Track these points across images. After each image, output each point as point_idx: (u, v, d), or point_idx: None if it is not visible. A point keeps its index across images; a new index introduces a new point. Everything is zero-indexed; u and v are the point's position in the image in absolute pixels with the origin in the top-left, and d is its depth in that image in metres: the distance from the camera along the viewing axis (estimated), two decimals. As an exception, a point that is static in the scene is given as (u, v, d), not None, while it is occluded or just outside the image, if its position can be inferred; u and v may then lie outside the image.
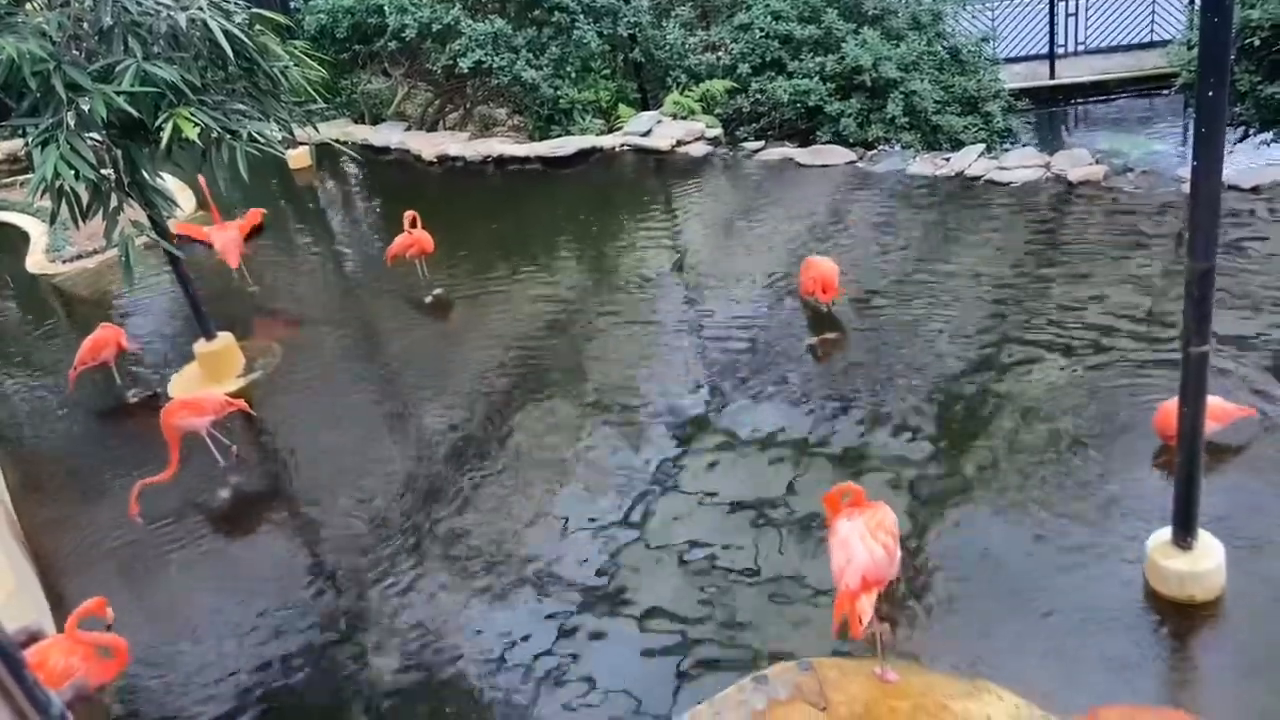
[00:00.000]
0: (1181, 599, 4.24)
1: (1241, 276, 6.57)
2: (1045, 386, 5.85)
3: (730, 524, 5.23)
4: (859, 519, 3.99)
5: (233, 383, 7.39)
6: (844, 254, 7.65)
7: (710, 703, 4.00)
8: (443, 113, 13.45)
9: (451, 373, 7.23)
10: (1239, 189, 7.70)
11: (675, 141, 10.94)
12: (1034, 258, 7.41)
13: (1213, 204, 3.63)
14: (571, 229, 9.69)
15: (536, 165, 11.33)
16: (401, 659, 4.76)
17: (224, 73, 6.25)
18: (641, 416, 6.30)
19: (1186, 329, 3.82)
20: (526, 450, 6.16)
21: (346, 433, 6.70)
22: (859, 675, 4.04)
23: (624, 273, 8.42)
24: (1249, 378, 5.60)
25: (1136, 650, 4.14)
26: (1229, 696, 3.87)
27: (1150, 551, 4.33)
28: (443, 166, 11.96)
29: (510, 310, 8.03)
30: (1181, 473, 4.11)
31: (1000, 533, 4.87)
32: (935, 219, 8.44)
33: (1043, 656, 4.16)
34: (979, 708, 3.82)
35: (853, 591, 3.81)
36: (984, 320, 6.66)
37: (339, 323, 8.49)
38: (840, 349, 6.70)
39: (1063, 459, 5.24)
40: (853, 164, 9.79)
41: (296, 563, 5.60)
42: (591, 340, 7.39)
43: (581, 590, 4.96)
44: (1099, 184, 8.34)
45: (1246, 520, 4.61)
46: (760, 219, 9.00)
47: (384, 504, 5.88)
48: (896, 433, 5.70)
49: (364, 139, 12.95)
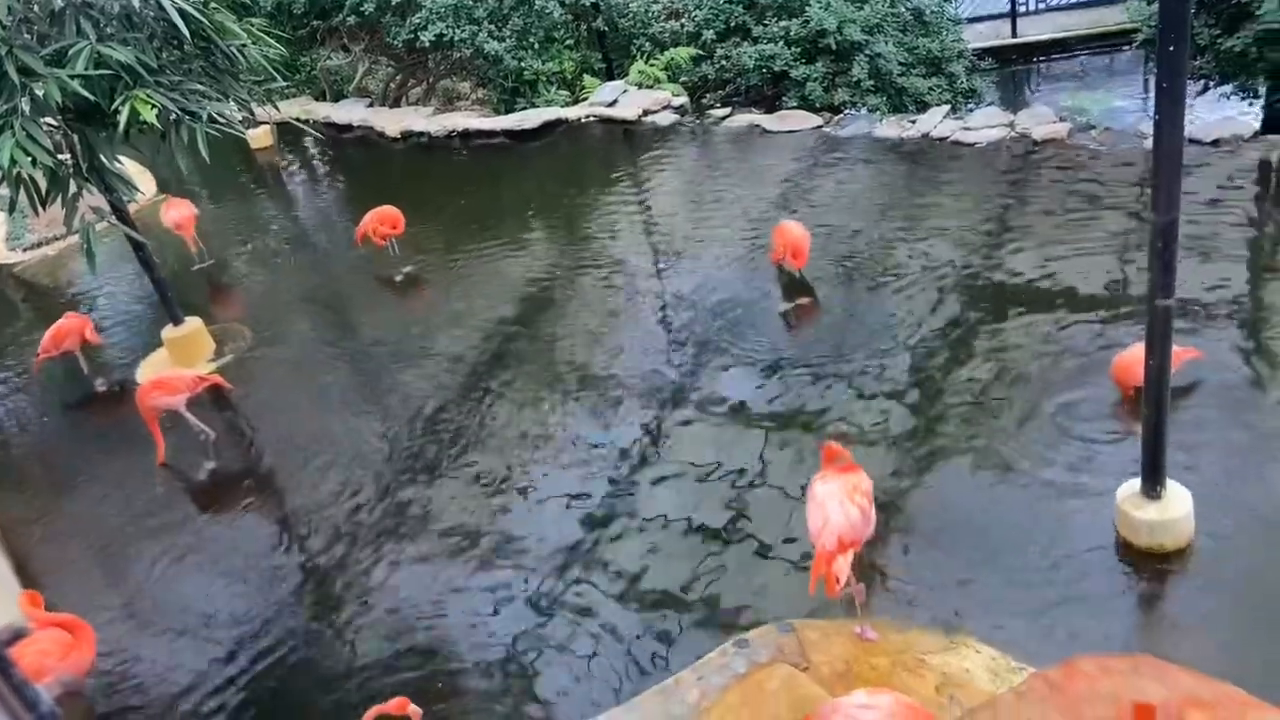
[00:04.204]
0: (1152, 548, 4.33)
1: (1196, 227, 6.65)
2: (1015, 344, 5.92)
3: (707, 490, 5.27)
4: (835, 482, 4.04)
5: (203, 367, 7.32)
6: (815, 219, 7.66)
7: (693, 667, 4.04)
8: (405, 88, 13.28)
9: (426, 350, 7.20)
10: (1200, 143, 7.78)
11: (642, 111, 10.87)
12: (1002, 218, 7.46)
13: (1175, 159, 3.67)
14: (541, 202, 9.64)
15: (502, 139, 11.23)
16: (386, 634, 4.78)
17: (180, 52, 6.14)
18: (617, 388, 6.31)
19: (1151, 282, 3.87)
20: (503, 425, 6.16)
21: (321, 414, 6.66)
22: (839, 635, 4.10)
23: (595, 245, 8.40)
24: (1196, 320, 5.72)
25: (1109, 600, 4.23)
26: (1200, 642, 3.96)
27: (1120, 502, 4.42)
28: (407, 143, 11.84)
29: (482, 286, 7.99)
30: (1148, 423, 4.18)
31: (973, 489, 4.95)
32: (904, 182, 8.47)
33: (1017, 609, 4.24)
34: (957, 661, 3.90)
35: (829, 552, 3.86)
36: (955, 281, 6.72)
37: (309, 304, 8.42)
38: (813, 314, 6.74)
39: (1033, 414, 5.31)
40: (819, 129, 9.79)
41: (277, 546, 5.58)
42: (564, 313, 7.38)
43: (561, 561, 4.99)
44: (1063, 142, 8.39)
45: (1212, 467, 4.71)
46: (729, 186, 8.99)
47: (362, 483, 5.87)
48: (871, 395, 5.76)
49: (326, 116, 12.77)
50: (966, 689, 3.73)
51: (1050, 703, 3.23)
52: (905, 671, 3.87)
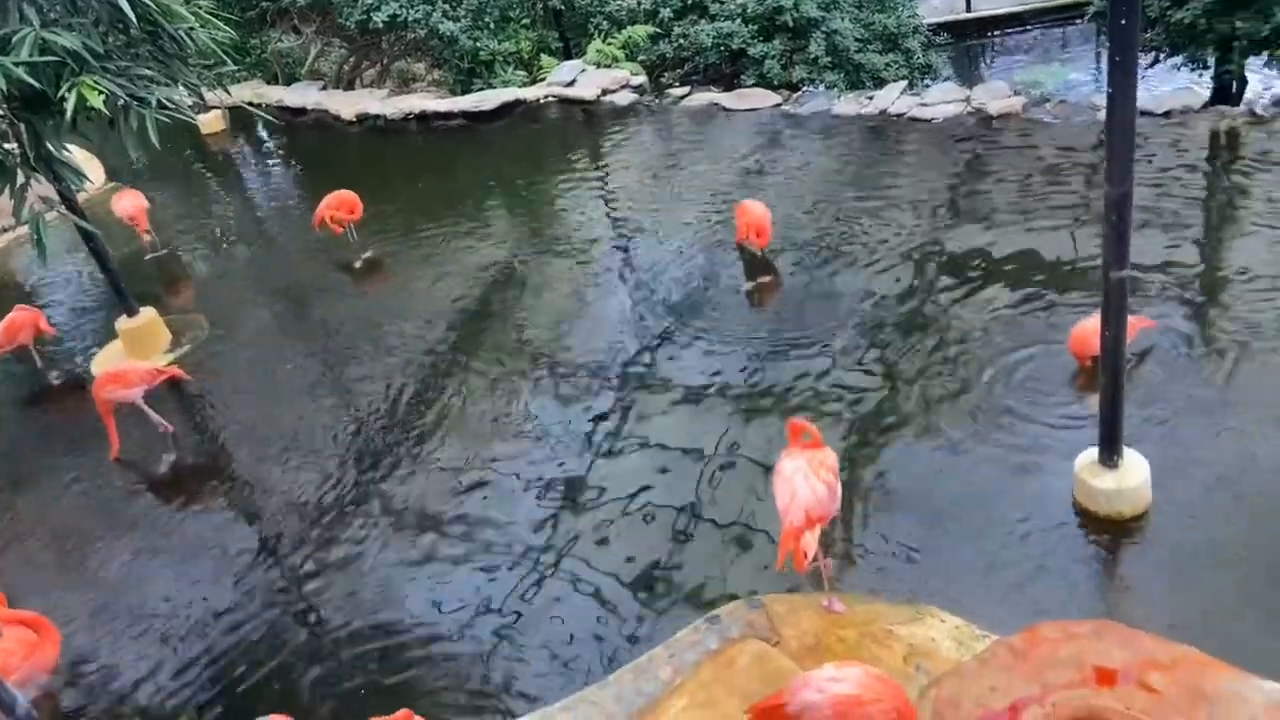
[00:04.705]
0: (1111, 515, 4.42)
1: (1149, 198, 6.76)
2: (974, 317, 5.99)
3: (675, 469, 5.30)
4: (801, 458, 4.07)
5: (160, 358, 7.19)
6: (776, 198, 7.68)
7: (666, 645, 4.07)
8: (359, 70, 13.09)
9: (387, 335, 7.14)
10: (1152, 114, 7.90)
11: (601, 90, 10.82)
12: (960, 193, 7.53)
13: (1128, 131, 3.72)
14: (501, 184, 9.57)
15: (460, 120, 11.13)
16: (354, 623, 4.75)
17: (126, 37, 6.00)
18: (582, 368, 6.31)
19: (1106, 253, 3.93)
20: (467, 408, 6.14)
21: (282, 403, 6.59)
22: (807, 609, 4.15)
23: (556, 226, 8.37)
24: (1151, 290, 5.83)
25: (1070, 567, 4.32)
26: (1159, 606, 4.06)
27: (1078, 471, 4.50)
28: (362, 125, 11.69)
29: (443, 269, 7.94)
30: (1105, 393, 4.25)
31: (935, 461, 5.01)
32: (863, 159, 8.51)
33: (981, 578, 4.32)
34: (923, 631, 3.96)
35: (797, 528, 3.89)
36: (915, 256, 6.78)
37: (267, 291, 8.31)
38: (776, 292, 6.77)
39: (993, 386, 5.39)
40: (778, 106, 9.80)
41: (239, 537, 5.52)
42: (527, 295, 7.35)
43: (531, 543, 4.99)
44: (1018, 116, 8.48)
45: (1168, 435, 4.81)
46: (690, 165, 8.99)
47: (326, 471, 5.82)
48: (834, 371, 5.80)
49: (279, 100, 12.57)
50: (932, 658, 3.79)
51: (1014, 669, 3.29)
52: (873, 642, 3.92)
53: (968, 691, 3.27)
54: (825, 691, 3.01)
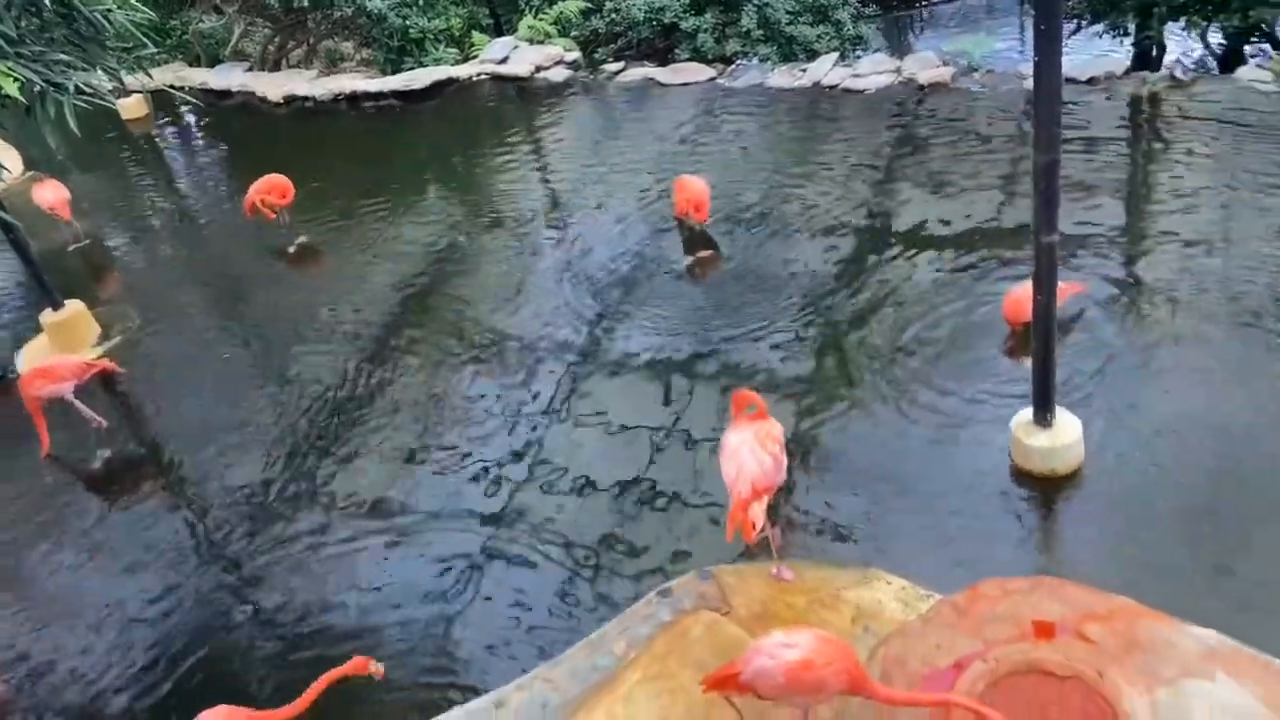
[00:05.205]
0: (1045, 473, 4.56)
1: (1076, 164, 6.92)
2: (910, 285, 6.09)
3: (622, 447, 5.32)
4: (747, 430, 4.12)
5: (89, 352, 7.00)
6: (714, 172, 7.70)
7: (619, 619, 4.11)
8: (285, 50, 12.77)
9: (325, 320, 7.03)
10: (1076, 81, 8.06)
11: (534, 67, 10.71)
12: (894, 163, 7.62)
13: (1054, 98, 3.81)
14: (436, 164, 9.44)
15: (392, 100, 10.93)
16: (300, 611, 4.71)
17: (39, 20, 5.78)
18: (525, 348, 6.28)
19: (1036, 219, 4.03)
20: (409, 393, 6.08)
21: (219, 393, 6.46)
22: (757, 578, 4.21)
23: (494, 206, 8.29)
24: (1079, 255, 5.99)
25: (1008, 525, 4.45)
26: (1093, 559, 4.20)
27: (1014, 431, 4.63)
28: (290, 107, 11.42)
29: (380, 252, 7.82)
30: (1038, 355, 4.37)
31: (876, 427, 5.11)
32: (798, 131, 8.57)
33: (923, 539, 4.43)
34: (870, 594, 4.05)
35: (744, 500, 3.95)
36: (852, 226, 6.86)
37: (199, 280, 8.12)
38: (716, 266, 6.80)
39: (930, 352, 5.50)
40: (713, 80, 9.80)
41: (178, 530, 5.42)
42: (466, 277, 7.29)
43: (482, 522, 4.99)
44: (948, 86, 8.59)
45: (1098, 394, 4.96)
46: (628, 142, 8.96)
47: (266, 460, 5.73)
48: (776, 343, 5.86)
49: (202, 83, 12.22)
50: (879, 619, 3.89)
51: (957, 626, 3.39)
52: (821, 607, 4.01)
53: (913, 650, 3.37)
54: (777, 657, 3.06)
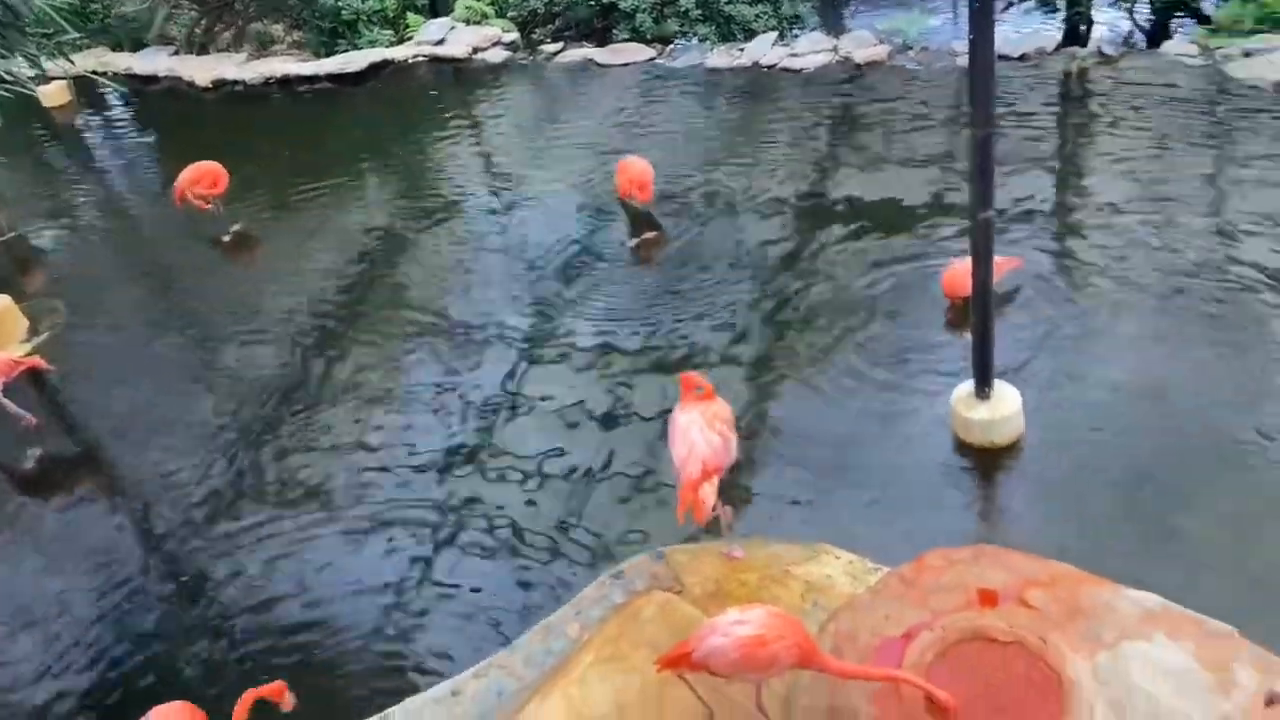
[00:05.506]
0: (985, 445, 4.65)
1: (1011, 140, 7.04)
2: (851, 263, 6.16)
3: (571, 432, 5.31)
4: (695, 411, 4.13)
5: (17, 348, 6.77)
6: (656, 152, 7.68)
7: (572, 603, 4.10)
8: (212, 33, 12.41)
9: (263, 311, 6.88)
10: (1009, 58, 8.19)
11: (472, 49, 10.57)
12: (833, 142, 7.69)
13: (988, 75, 3.86)
14: (374, 149, 9.27)
15: (326, 84, 10.70)
16: (246, 612, 4.64)
17: (-50, 5, 5.56)
18: (470, 334, 6.23)
19: (972, 195, 4.09)
20: (352, 384, 6.00)
21: (155, 388, 6.30)
22: (709, 556, 4.24)
23: (434, 190, 8.18)
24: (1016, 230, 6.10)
25: (951, 497, 4.54)
26: (1034, 527, 4.31)
27: (954, 404, 4.72)
28: (220, 92, 11.12)
29: (318, 241, 7.67)
30: (977, 329, 4.46)
31: (822, 404, 5.17)
32: (739, 111, 8.59)
33: (870, 513, 4.51)
34: (819, 569, 4.10)
35: (695, 480, 3.96)
36: (794, 205, 6.90)
37: (130, 273, 7.90)
38: (660, 247, 6.81)
39: (872, 329, 5.58)
40: (652, 60, 9.78)
41: (116, 529, 5.30)
42: (408, 260, 7.19)
43: (433, 511, 4.95)
44: (884, 64, 8.68)
45: (1036, 366, 5.08)
46: (568, 123, 8.90)
47: (205, 454, 5.61)
48: (722, 323, 5.90)
49: (127, 68, 11.83)
50: (829, 593, 3.93)
51: (905, 598, 3.44)
52: (772, 583, 4.04)
53: (863, 623, 3.41)
54: (730, 635, 3.09)
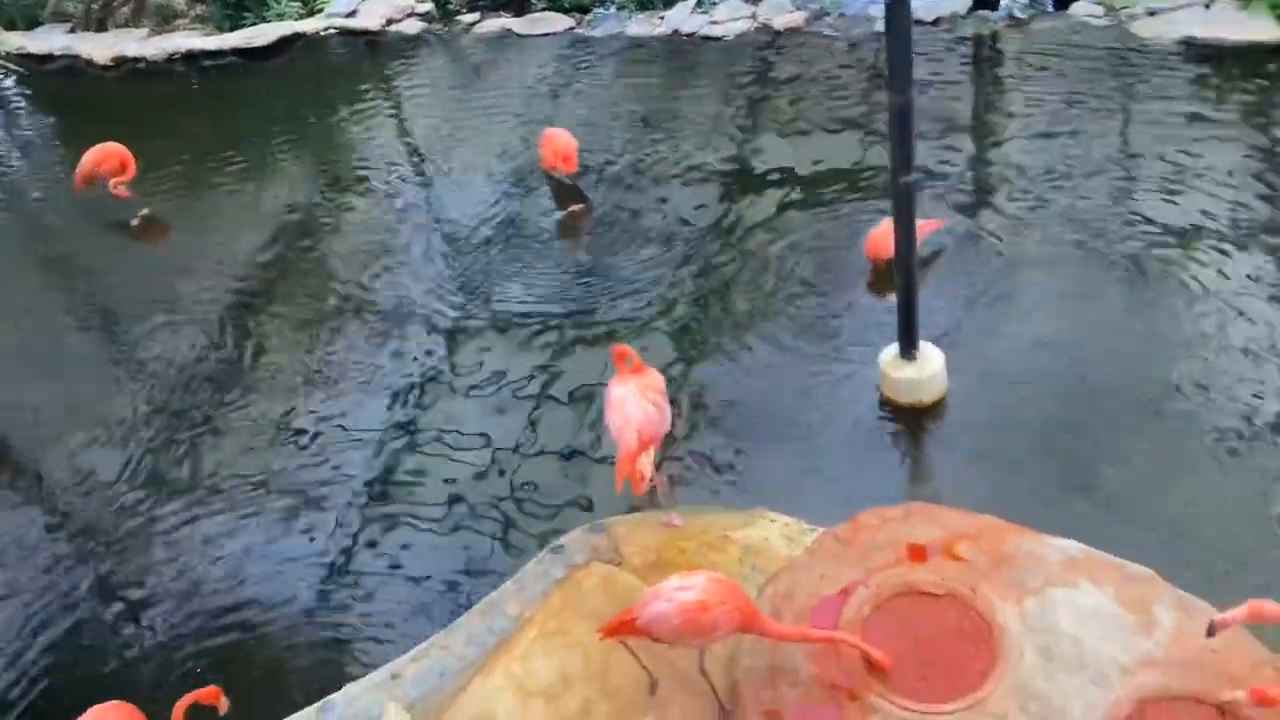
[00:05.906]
0: (912, 404, 4.77)
1: (928, 103, 7.15)
2: (776, 229, 6.22)
3: (503, 408, 5.29)
4: (630, 382, 4.15)
5: (-85, 345, 6.48)
6: (578, 123, 7.62)
7: (513, 580, 4.11)
8: (110, 8, 11.87)
9: (177, 295, 6.67)
10: (924, 23, 8.29)
11: (385, 20, 10.30)
12: (754, 108, 7.71)
13: (905, 40, 3.91)
14: (287, 126, 8.99)
15: (234, 59, 10.32)
16: (178, 604, 4.54)
17: None
18: (396, 312, 6.14)
19: (893, 159, 4.15)
20: (275, 365, 5.88)
21: (65, 379, 6.09)
22: (647, 527, 4.27)
23: (351, 167, 8.00)
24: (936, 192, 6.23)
25: (881, 456, 4.66)
26: (960, 482, 4.44)
27: (882, 366, 4.82)
28: (121, 70, 10.65)
29: (234, 221, 7.44)
30: (901, 292, 4.54)
31: (752, 370, 5.24)
32: (660, 79, 8.54)
33: (804, 476, 4.59)
34: (756, 533, 4.17)
35: (632, 451, 3.99)
36: (718, 173, 6.92)
37: (32, 262, 7.59)
38: (587, 218, 6.77)
39: (799, 294, 5.65)
40: (572, 30, 9.65)
41: (34, 526, 5.14)
42: (329, 239, 7.04)
43: (366, 495, 4.89)
44: (802, 30, 8.71)
45: (958, 326, 5.21)
46: (489, 95, 8.75)
47: (121, 446, 5.46)
48: (650, 292, 5.91)
49: (20, 47, 11.25)
50: (766, 556, 4.00)
51: (840, 557, 3.53)
52: (711, 550, 4.10)
53: (800, 583, 3.49)
54: (673, 600, 3.13)
